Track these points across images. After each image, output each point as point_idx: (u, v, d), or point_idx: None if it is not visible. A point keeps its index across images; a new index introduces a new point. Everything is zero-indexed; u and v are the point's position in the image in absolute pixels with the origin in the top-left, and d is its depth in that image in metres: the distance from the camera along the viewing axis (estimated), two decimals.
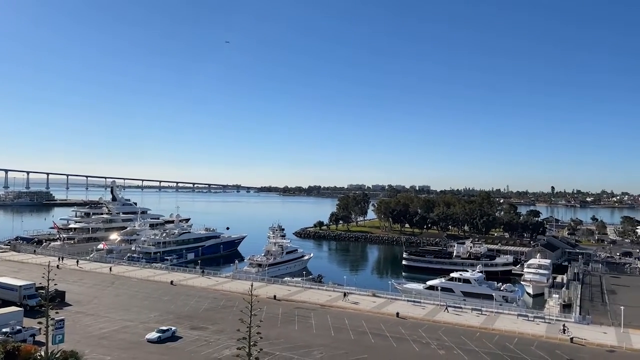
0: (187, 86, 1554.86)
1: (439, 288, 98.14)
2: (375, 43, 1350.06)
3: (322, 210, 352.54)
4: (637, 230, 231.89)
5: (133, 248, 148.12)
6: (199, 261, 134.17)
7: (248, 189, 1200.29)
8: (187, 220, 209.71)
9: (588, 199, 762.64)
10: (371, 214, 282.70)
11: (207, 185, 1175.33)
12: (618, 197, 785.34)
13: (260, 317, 70.37)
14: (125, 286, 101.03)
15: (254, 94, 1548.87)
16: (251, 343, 40.18)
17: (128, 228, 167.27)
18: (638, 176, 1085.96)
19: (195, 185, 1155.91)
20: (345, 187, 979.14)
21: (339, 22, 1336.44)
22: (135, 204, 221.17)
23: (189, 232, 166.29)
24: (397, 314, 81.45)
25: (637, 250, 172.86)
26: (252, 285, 45.09)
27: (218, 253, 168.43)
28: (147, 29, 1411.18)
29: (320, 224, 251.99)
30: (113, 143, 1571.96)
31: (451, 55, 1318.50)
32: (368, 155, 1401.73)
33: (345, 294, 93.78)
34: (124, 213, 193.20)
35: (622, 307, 79.26)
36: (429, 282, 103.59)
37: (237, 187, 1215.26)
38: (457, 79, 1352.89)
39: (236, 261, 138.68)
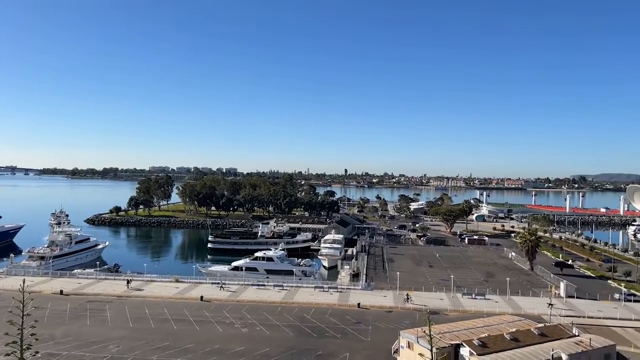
0: None
1: (244, 268, 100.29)
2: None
3: (120, 195, 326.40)
4: (410, 206, 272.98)
5: None
6: None
7: (27, 171, 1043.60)
8: None
9: (374, 180, 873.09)
10: (175, 198, 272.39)
11: None
12: (397, 178, 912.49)
13: (41, 316, 62.46)
14: None
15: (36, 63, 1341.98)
16: (24, 346, 34.72)
17: None
18: (412, 160, 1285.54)
19: None
20: (147, 169, 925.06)
21: None
22: None
23: None
24: (202, 297, 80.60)
25: (410, 224, 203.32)
26: (24, 282, 38.86)
27: None
28: None
29: (117, 209, 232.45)
30: None
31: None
32: (174, 136, 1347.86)
33: (128, 282, 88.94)
34: None
35: (397, 273, 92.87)
36: (234, 263, 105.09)
37: (13, 169, 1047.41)
38: (263, 67, 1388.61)
39: (12, 254, 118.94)
